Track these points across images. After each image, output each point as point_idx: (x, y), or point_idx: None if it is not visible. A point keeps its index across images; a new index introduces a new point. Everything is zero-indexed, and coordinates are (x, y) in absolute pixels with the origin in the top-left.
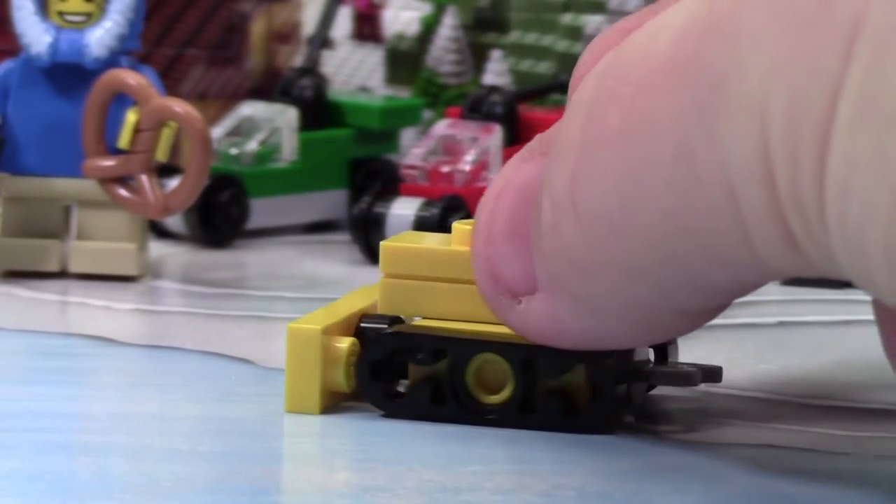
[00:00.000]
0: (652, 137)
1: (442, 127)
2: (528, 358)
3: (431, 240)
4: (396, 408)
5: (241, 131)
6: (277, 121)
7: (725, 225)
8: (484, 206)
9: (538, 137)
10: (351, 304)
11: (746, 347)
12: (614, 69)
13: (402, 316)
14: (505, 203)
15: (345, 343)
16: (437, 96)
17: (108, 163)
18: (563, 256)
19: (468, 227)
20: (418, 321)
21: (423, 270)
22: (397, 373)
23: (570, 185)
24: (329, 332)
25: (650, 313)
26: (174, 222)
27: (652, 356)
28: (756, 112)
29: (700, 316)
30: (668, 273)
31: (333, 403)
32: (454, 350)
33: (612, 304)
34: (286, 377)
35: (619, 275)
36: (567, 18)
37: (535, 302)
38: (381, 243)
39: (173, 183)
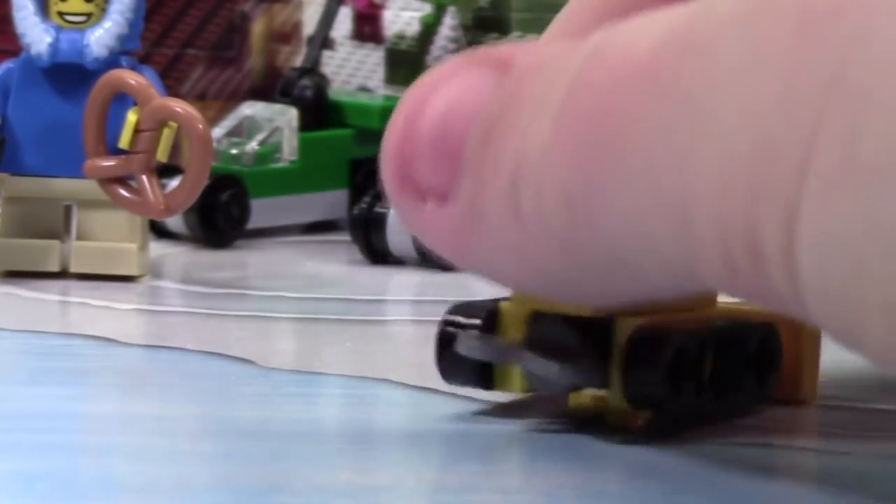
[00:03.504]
0: (622, 135)
1: None
2: None
3: None
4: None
5: (242, 131)
6: (277, 121)
7: (674, 240)
8: (410, 101)
9: (487, 49)
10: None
11: None
12: (596, 61)
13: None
14: (438, 107)
15: None
16: None
17: (109, 163)
18: (509, 216)
19: None
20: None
21: None
22: None
23: (543, 153)
24: None
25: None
26: (174, 222)
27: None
28: (725, 146)
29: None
30: (613, 269)
31: None
32: None
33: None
34: None
35: (556, 247)
36: None
37: (443, 210)
38: None
39: (173, 183)
